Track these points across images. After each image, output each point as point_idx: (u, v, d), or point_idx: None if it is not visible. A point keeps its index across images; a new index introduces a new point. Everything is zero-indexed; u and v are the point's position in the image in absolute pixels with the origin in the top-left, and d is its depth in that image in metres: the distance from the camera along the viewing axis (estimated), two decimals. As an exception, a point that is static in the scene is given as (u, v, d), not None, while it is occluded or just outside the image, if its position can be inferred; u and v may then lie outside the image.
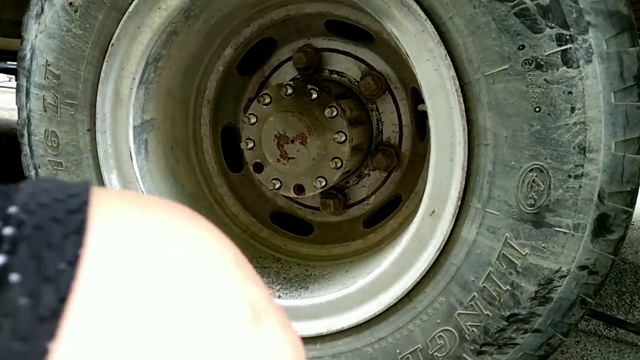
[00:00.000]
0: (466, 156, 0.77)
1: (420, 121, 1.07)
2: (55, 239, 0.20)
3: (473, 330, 0.81)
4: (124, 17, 0.91)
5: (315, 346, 0.94)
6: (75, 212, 0.21)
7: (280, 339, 0.24)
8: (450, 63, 0.75)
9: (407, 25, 0.77)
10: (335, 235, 1.18)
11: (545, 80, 0.70)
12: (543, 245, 0.75)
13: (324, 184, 1.03)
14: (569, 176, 0.72)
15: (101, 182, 1.00)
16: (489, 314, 0.80)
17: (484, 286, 0.79)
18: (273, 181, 1.07)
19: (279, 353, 0.24)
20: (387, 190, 1.13)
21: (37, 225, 0.20)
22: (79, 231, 0.20)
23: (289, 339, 0.25)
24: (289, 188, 1.07)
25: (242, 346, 0.22)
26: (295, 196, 1.09)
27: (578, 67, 0.69)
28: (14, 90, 1.14)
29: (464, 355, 0.83)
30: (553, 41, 0.69)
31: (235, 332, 0.22)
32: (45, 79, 1.00)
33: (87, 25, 0.94)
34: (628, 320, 1.36)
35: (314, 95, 1.02)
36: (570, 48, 0.68)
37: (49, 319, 0.18)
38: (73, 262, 0.19)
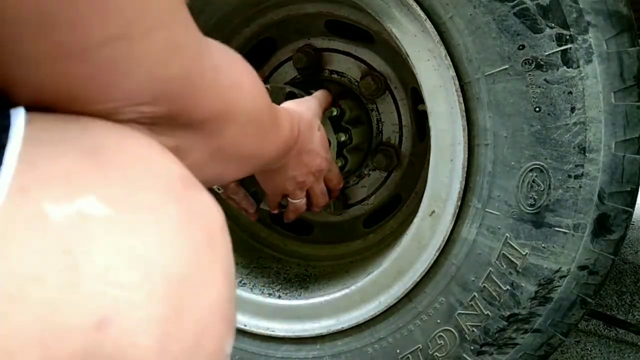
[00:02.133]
0: (466, 156, 0.77)
1: (420, 121, 1.07)
2: None
3: (473, 330, 0.81)
4: (124, 17, 0.91)
5: (316, 346, 0.94)
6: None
7: (210, 205, 0.31)
8: (450, 63, 0.75)
9: (407, 25, 0.77)
10: (335, 235, 1.18)
11: (545, 80, 0.70)
12: (543, 245, 0.75)
13: (324, 184, 1.03)
14: (569, 176, 0.72)
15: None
16: (489, 314, 0.80)
17: (484, 286, 0.79)
18: (273, 181, 1.07)
19: (208, 212, 0.30)
20: (387, 190, 1.13)
21: None
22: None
23: (218, 210, 0.32)
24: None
25: (177, 200, 0.28)
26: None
27: (578, 67, 0.69)
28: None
29: (464, 355, 0.83)
30: (553, 41, 0.69)
31: (171, 190, 0.28)
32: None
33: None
34: (628, 320, 1.36)
35: (314, 95, 1.02)
36: (570, 48, 0.68)
37: None
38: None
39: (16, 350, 0.20)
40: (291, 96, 0.95)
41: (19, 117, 0.24)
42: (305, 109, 0.79)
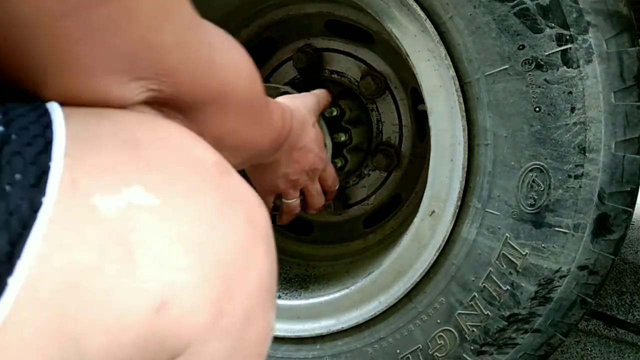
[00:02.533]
0: (466, 156, 0.77)
1: (420, 121, 1.07)
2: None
3: (473, 330, 0.81)
4: (124, 17, 0.91)
5: (316, 346, 0.94)
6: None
7: (243, 187, 0.31)
8: (450, 63, 0.75)
9: (407, 25, 0.77)
10: (335, 235, 1.18)
11: (545, 80, 0.70)
12: (543, 245, 0.75)
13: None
14: (569, 176, 0.72)
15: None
16: (489, 314, 0.80)
17: (484, 286, 0.79)
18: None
19: (243, 194, 0.31)
20: (387, 190, 1.13)
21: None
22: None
23: (251, 190, 0.32)
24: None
25: (216, 186, 0.29)
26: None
27: (578, 67, 0.69)
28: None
29: (464, 355, 0.83)
30: (553, 41, 0.69)
31: (208, 177, 0.29)
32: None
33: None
34: (628, 320, 1.36)
35: (314, 95, 1.02)
36: (570, 48, 0.68)
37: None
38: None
39: (81, 336, 0.21)
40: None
41: (56, 112, 0.25)
42: (300, 103, 0.76)
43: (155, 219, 0.24)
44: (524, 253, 0.76)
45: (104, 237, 0.22)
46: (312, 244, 1.20)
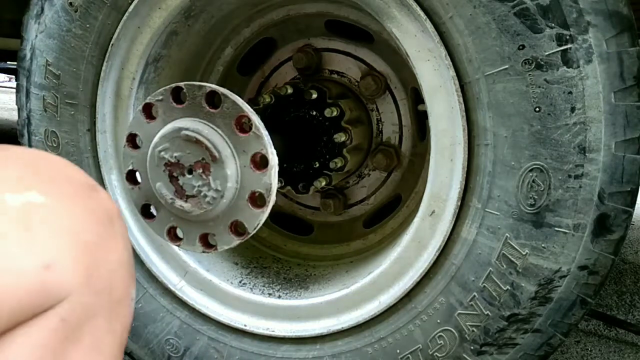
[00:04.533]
0: (466, 156, 0.77)
1: (420, 121, 1.07)
2: None
3: (473, 330, 0.81)
4: (124, 17, 0.91)
5: (315, 346, 0.94)
6: None
7: (107, 198, 0.45)
8: (450, 63, 0.75)
9: (407, 25, 0.77)
10: (335, 235, 1.18)
11: (545, 80, 0.70)
12: (543, 245, 0.75)
13: (324, 183, 1.03)
14: (569, 176, 0.72)
15: (101, 182, 1.00)
16: (489, 314, 0.80)
17: (484, 286, 0.79)
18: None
19: (106, 203, 0.43)
20: (387, 190, 1.13)
21: None
22: None
23: (112, 202, 0.46)
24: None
25: (86, 196, 0.43)
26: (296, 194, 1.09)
27: (578, 67, 0.69)
28: (14, 90, 1.14)
29: (464, 355, 0.83)
30: (553, 41, 0.69)
31: (79, 189, 0.44)
32: (45, 79, 1.00)
33: (87, 25, 0.94)
34: (628, 320, 1.36)
35: (314, 96, 1.02)
36: (570, 48, 0.68)
37: None
38: None
39: None
40: (212, 96, 0.73)
41: None
42: None
43: (44, 212, 0.37)
44: (524, 253, 0.76)
45: (9, 218, 0.35)
46: (312, 244, 1.20)
